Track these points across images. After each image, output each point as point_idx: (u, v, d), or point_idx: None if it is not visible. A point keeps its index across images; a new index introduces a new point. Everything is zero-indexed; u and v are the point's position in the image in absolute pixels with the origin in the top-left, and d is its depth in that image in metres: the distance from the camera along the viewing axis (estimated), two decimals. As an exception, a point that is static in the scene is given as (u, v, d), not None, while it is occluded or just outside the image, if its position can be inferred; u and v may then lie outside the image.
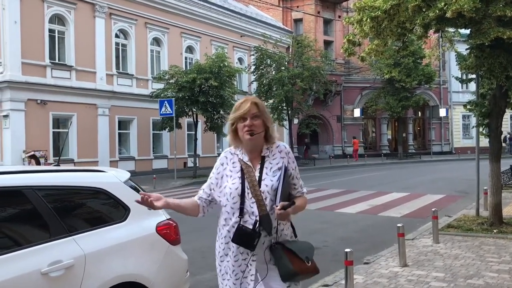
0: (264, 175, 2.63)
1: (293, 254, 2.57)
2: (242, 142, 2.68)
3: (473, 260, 6.22)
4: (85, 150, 20.09)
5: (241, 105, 2.65)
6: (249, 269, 2.58)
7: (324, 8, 34.02)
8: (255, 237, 2.52)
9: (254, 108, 2.62)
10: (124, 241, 3.42)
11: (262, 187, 2.60)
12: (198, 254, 7.05)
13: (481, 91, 9.63)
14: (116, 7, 21.76)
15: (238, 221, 2.57)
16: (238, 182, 2.62)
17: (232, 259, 2.61)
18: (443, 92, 38.88)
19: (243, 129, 2.62)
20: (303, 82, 26.69)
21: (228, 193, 2.63)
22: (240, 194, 2.59)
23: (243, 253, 2.59)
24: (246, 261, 2.59)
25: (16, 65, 17.95)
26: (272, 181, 2.61)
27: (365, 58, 8.44)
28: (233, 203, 2.61)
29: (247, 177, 2.62)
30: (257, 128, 2.62)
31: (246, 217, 2.58)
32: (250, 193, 2.59)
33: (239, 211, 2.59)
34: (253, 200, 2.58)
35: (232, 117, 2.67)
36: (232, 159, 2.72)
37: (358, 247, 6.83)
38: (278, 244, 2.60)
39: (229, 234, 2.62)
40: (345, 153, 34.28)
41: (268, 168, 2.65)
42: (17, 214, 3.15)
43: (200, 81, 19.86)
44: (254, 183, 2.60)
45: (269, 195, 2.59)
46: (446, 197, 13.15)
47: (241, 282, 2.60)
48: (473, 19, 6.90)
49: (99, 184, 3.51)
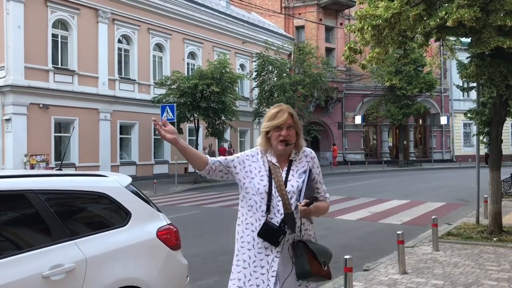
0: (290, 177, 2.75)
1: (313, 255, 2.67)
2: (272, 147, 2.79)
3: (472, 268, 6.23)
4: (87, 155, 20.14)
5: (277, 114, 2.74)
6: (271, 265, 2.67)
7: (326, 15, 34.17)
8: (281, 234, 2.64)
9: (290, 119, 2.73)
10: (125, 245, 3.44)
11: (288, 187, 2.72)
12: (198, 259, 7.07)
13: (481, 100, 9.67)
14: (119, 12, 21.89)
15: (265, 216, 2.68)
16: (266, 180, 2.74)
17: (256, 250, 2.71)
18: (444, 100, 38.93)
19: (277, 138, 2.73)
20: (305, 89, 26.76)
21: (256, 187, 2.74)
22: (268, 192, 2.70)
23: (267, 248, 2.68)
24: (269, 257, 2.67)
25: (19, 70, 18.04)
26: (297, 182, 2.74)
27: (366, 66, 8.48)
28: (261, 198, 2.72)
29: (274, 177, 2.74)
30: (291, 139, 2.74)
31: (272, 214, 2.69)
32: (276, 192, 2.70)
33: (266, 207, 2.70)
34: (279, 199, 2.69)
35: (268, 125, 2.75)
36: (262, 157, 2.83)
37: (358, 254, 6.84)
38: (300, 242, 2.70)
39: (256, 225, 2.71)
40: (346, 160, 34.29)
41: (294, 170, 2.78)
42: (19, 218, 3.17)
43: (202, 86, 19.93)
44: (281, 183, 2.72)
45: (295, 195, 2.71)
46: (447, 205, 13.15)
47: (257, 276, 2.68)
48: (474, 28, 6.95)
49: (101, 189, 3.54)
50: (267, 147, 2.81)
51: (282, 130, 2.71)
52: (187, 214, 11.88)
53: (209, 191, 18.21)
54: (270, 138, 2.77)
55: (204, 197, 16.08)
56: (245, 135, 30.28)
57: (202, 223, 10.80)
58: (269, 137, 2.77)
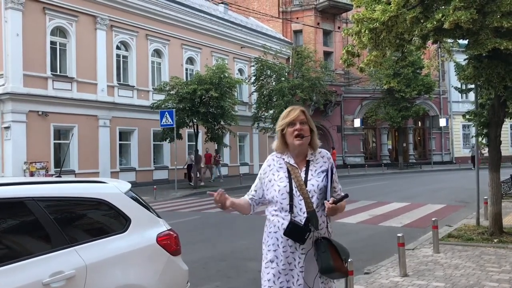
0: (310, 176, 2.87)
1: (336, 252, 2.78)
2: (289, 148, 2.93)
3: (473, 270, 6.22)
4: (86, 161, 20.13)
5: (289, 113, 2.93)
6: (297, 261, 2.78)
7: (323, 19, 34.26)
8: (306, 231, 2.74)
9: (302, 115, 2.90)
10: (125, 251, 3.44)
11: (309, 186, 2.83)
12: (199, 265, 7.05)
13: (480, 101, 9.68)
14: (117, 19, 21.94)
15: (289, 217, 2.79)
16: (286, 181, 2.85)
17: (281, 250, 2.81)
18: (443, 102, 38.98)
19: (292, 133, 2.87)
20: (303, 93, 26.79)
21: (277, 190, 2.85)
22: (289, 192, 2.82)
23: (291, 246, 2.79)
24: (295, 254, 2.79)
25: (17, 77, 18.06)
26: (317, 181, 2.85)
27: (364, 69, 8.49)
28: (282, 199, 2.83)
29: (293, 177, 2.85)
30: (305, 133, 2.88)
31: (295, 213, 2.79)
32: (297, 191, 2.81)
33: (289, 207, 2.81)
34: (301, 198, 2.80)
35: (281, 123, 2.93)
36: (278, 161, 2.96)
37: (359, 257, 6.83)
38: (324, 239, 2.81)
39: (279, 225, 2.82)
40: (346, 163, 34.28)
41: (313, 170, 2.90)
42: (19, 225, 3.16)
43: (201, 92, 19.95)
44: (301, 183, 2.83)
45: (316, 194, 2.83)
46: (447, 206, 13.14)
47: (286, 273, 2.79)
48: (471, 30, 6.97)
49: (100, 195, 3.54)
50: (283, 148, 2.94)
51: (296, 124, 2.86)
52: (187, 220, 11.87)
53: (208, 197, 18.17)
54: (285, 137, 2.91)
55: (204, 202, 16.06)
56: (244, 139, 30.28)
57: (202, 228, 10.79)
58: (284, 134, 2.91)
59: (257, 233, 3.12)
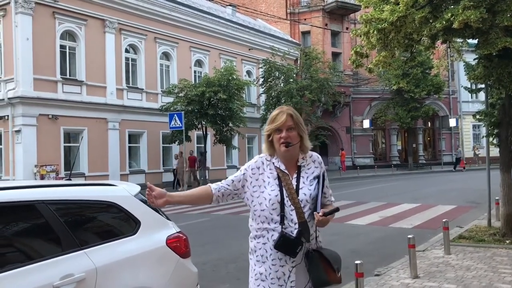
0: (302, 184, 2.68)
1: (327, 264, 2.62)
2: (276, 151, 2.73)
3: (485, 272, 6.16)
4: (96, 164, 20.25)
5: (276, 117, 2.70)
6: (288, 276, 2.61)
7: (331, 20, 34.20)
8: (298, 244, 2.57)
9: (290, 120, 2.67)
10: (134, 254, 3.45)
11: (300, 195, 2.64)
12: (208, 267, 7.06)
13: (490, 101, 9.59)
14: (126, 22, 22.07)
15: (280, 228, 2.60)
16: (277, 190, 2.64)
17: (270, 263, 2.63)
18: (453, 102, 38.72)
19: (279, 140, 2.67)
20: (312, 94, 26.76)
21: (267, 199, 2.64)
22: (280, 202, 2.61)
23: (281, 259, 2.61)
24: (284, 268, 2.61)
25: (28, 81, 18.22)
26: (310, 190, 2.67)
27: (373, 70, 8.46)
28: (272, 209, 2.62)
29: (284, 185, 2.65)
30: (292, 140, 2.67)
31: (286, 224, 2.60)
32: (289, 201, 2.62)
33: (279, 218, 2.61)
34: (292, 208, 2.61)
35: (268, 128, 2.72)
36: (269, 165, 2.74)
37: (369, 259, 6.79)
38: (315, 251, 2.66)
39: (268, 237, 2.63)
40: (355, 164, 34.16)
41: (304, 177, 2.71)
42: (29, 228, 3.19)
43: (209, 94, 20.00)
44: (292, 191, 2.64)
45: (308, 204, 2.64)
46: (457, 207, 13.04)
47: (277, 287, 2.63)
48: (480, 30, 6.91)
49: (110, 198, 3.55)
50: (271, 151, 2.75)
51: (282, 132, 2.66)
52: (196, 222, 11.89)
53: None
54: (273, 142, 2.72)
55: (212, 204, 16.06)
56: (252, 141, 30.30)
57: (211, 230, 10.79)
58: (270, 140, 2.72)
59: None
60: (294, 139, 2.68)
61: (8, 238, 3.02)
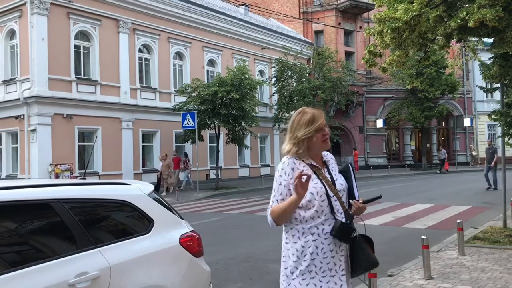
0: (335, 176, 2.82)
1: (371, 247, 2.80)
2: (312, 151, 2.80)
3: (500, 273, 6.09)
4: (110, 163, 20.42)
5: (315, 118, 2.79)
6: (339, 265, 2.71)
7: (345, 19, 34.05)
8: (352, 230, 2.70)
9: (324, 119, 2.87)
10: (148, 253, 3.48)
11: (338, 186, 2.78)
12: (221, 266, 7.08)
13: (506, 101, 9.48)
14: (140, 22, 22.21)
15: (332, 217, 2.70)
16: (319, 182, 2.73)
17: (321, 256, 2.67)
18: (467, 101, 38.31)
19: (322, 137, 2.79)
20: (325, 93, 26.68)
21: (315, 193, 2.69)
22: (326, 193, 2.72)
23: (332, 250, 2.69)
24: (335, 258, 2.70)
25: (43, 81, 18.44)
26: (342, 181, 2.83)
27: (387, 69, 8.40)
28: (321, 201, 2.70)
29: (322, 178, 2.76)
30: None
31: (336, 214, 2.72)
32: (331, 192, 2.74)
33: (329, 208, 2.71)
34: (335, 198, 2.74)
35: (310, 129, 2.75)
36: (300, 163, 2.79)
37: (382, 259, 6.71)
38: (361, 236, 2.77)
39: (318, 232, 2.67)
40: (368, 164, 33.97)
41: (334, 170, 2.87)
42: (45, 227, 3.23)
43: (222, 93, 20.03)
44: (329, 183, 2.76)
45: (344, 193, 2.80)
46: (472, 208, 12.89)
47: (328, 280, 2.67)
48: (496, 28, 6.82)
49: (124, 197, 3.58)
50: (306, 152, 2.78)
51: (324, 129, 2.80)
52: (209, 221, 11.92)
53: (230, 197, 18.25)
54: (309, 142, 2.76)
55: (225, 203, 16.11)
56: (265, 140, 30.29)
57: (224, 229, 10.82)
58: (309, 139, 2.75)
59: (279, 235, 3.07)
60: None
61: (24, 236, 3.06)
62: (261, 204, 15.08)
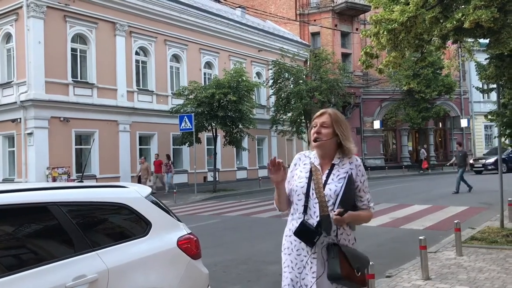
0: (330, 180, 2.80)
1: (345, 259, 2.70)
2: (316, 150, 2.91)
3: (498, 273, 6.10)
4: (107, 166, 20.38)
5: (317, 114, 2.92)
6: (310, 266, 2.73)
7: (341, 21, 34.12)
8: (316, 234, 2.69)
9: (325, 118, 2.86)
10: (145, 255, 3.47)
11: (326, 190, 2.77)
12: (219, 268, 7.07)
13: (502, 101, 9.51)
14: (136, 25, 22.20)
15: (302, 217, 2.76)
16: (304, 182, 2.81)
17: (295, 253, 2.79)
18: (464, 102, 38.41)
19: (312, 135, 2.86)
20: (322, 95, 26.69)
21: (294, 190, 2.83)
22: (305, 193, 2.78)
23: (304, 249, 2.75)
24: (307, 258, 2.75)
25: (40, 84, 18.40)
26: (336, 187, 2.77)
27: (383, 70, 8.42)
28: (298, 199, 2.81)
29: (313, 179, 2.80)
30: (323, 136, 2.83)
31: (308, 216, 2.76)
32: (314, 194, 2.77)
33: (303, 208, 2.77)
34: (316, 201, 2.75)
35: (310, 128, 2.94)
36: (304, 160, 2.93)
37: (380, 261, 6.75)
38: (335, 245, 2.74)
39: (292, 228, 2.80)
40: (366, 165, 33.97)
41: (335, 174, 2.83)
42: (42, 230, 3.22)
43: (219, 96, 20.04)
44: (320, 185, 2.77)
45: (332, 199, 2.75)
46: (469, 209, 12.92)
47: (303, 277, 2.74)
48: (492, 29, 6.86)
49: (121, 200, 3.58)
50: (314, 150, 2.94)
51: (316, 127, 2.84)
52: (207, 223, 11.91)
53: (228, 200, 18.25)
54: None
55: (223, 205, 16.10)
56: (262, 142, 30.29)
57: (222, 231, 10.81)
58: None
59: (277, 237, 3.10)
60: (325, 136, 2.82)
61: (21, 239, 3.06)
62: (259, 206, 15.08)
